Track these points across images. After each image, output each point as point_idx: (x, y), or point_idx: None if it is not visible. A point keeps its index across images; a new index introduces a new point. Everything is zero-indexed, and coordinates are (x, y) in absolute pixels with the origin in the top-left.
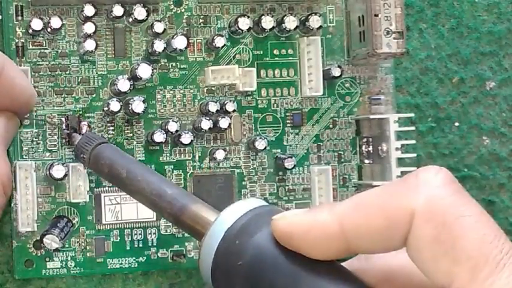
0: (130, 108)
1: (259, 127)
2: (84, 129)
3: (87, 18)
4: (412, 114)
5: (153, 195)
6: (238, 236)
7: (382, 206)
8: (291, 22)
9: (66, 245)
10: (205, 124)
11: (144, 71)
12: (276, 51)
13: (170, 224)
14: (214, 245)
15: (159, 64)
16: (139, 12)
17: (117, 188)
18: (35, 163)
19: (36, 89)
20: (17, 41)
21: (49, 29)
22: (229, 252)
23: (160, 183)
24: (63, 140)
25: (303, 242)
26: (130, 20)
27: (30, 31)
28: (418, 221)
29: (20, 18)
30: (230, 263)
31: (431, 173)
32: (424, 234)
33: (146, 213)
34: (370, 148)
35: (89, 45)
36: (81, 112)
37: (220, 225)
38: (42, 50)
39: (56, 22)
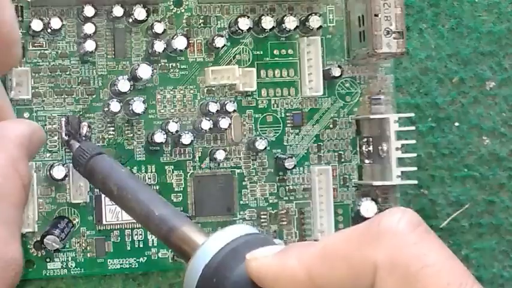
0: (130, 108)
1: (260, 127)
2: (85, 130)
3: (87, 19)
4: (412, 114)
5: (142, 216)
6: (215, 274)
7: (345, 256)
8: (291, 22)
9: (67, 246)
10: (206, 124)
11: (144, 71)
12: (276, 52)
13: None
14: (193, 282)
15: (159, 64)
16: (139, 13)
17: None
18: (36, 164)
19: (37, 89)
20: None
21: (49, 30)
22: None
23: (149, 203)
24: (63, 143)
25: (274, 285)
26: (130, 20)
27: (30, 32)
28: (380, 274)
29: (20, 19)
30: None
31: (395, 219)
32: (388, 287)
33: None
34: (371, 148)
35: (89, 45)
36: (81, 113)
37: (199, 261)
38: (42, 51)
39: (56, 23)
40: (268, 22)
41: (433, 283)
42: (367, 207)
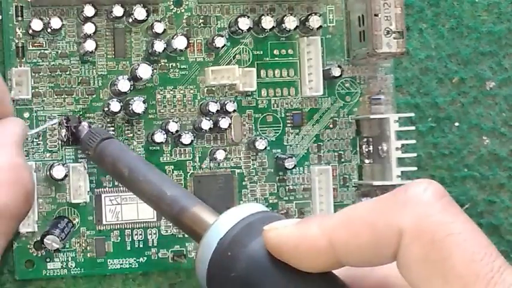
0: (130, 108)
1: (260, 127)
2: (85, 129)
3: (87, 19)
4: (412, 114)
5: (154, 197)
6: (230, 247)
7: (370, 223)
8: (291, 22)
9: (67, 246)
10: (206, 124)
11: (144, 71)
12: (276, 51)
13: (171, 224)
14: (207, 256)
15: (159, 64)
16: (139, 13)
17: (117, 189)
18: (36, 164)
19: (37, 89)
20: (17, 41)
21: (49, 30)
22: (222, 264)
23: (161, 184)
24: (63, 140)
25: (293, 255)
26: (130, 20)
27: (30, 32)
28: (406, 240)
29: (20, 18)
30: (223, 274)
31: (421, 188)
32: (413, 253)
33: (147, 214)
34: (371, 148)
35: (89, 45)
36: (81, 113)
37: (213, 235)
38: (42, 51)
39: (56, 23)
40: (268, 22)
41: (459, 251)
42: None
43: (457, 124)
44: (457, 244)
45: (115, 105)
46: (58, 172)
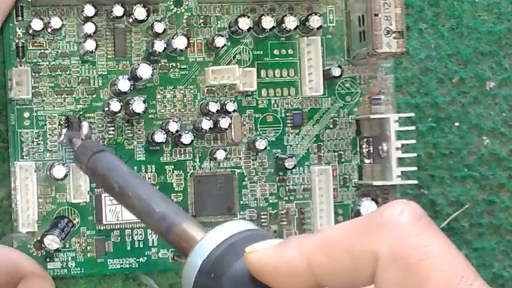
0: (130, 108)
1: (260, 127)
2: (86, 129)
3: (87, 19)
4: (412, 114)
5: (143, 213)
6: (213, 268)
7: (346, 247)
8: (291, 22)
9: (67, 246)
10: (206, 124)
11: (145, 71)
12: (276, 51)
13: None
14: (191, 277)
15: (159, 64)
16: (140, 13)
17: None
18: (36, 163)
19: (37, 89)
20: (17, 41)
21: (49, 30)
22: (205, 286)
23: (150, 200)
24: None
25: (273, 277)
26: (131, 20)
27: (31, 31)
28: (382, 264)
29: (20, 18)
30: None
31: (397, 211)
32: (389, 278)
33: None
34: (371, 148)
35: (89, 45)
36: (81, 112)
37: (197, 255)
38: (42, 51)
39: (56, 22)
40: (268, 22)
41: (435, 275)
42: (367, 207)
43: (457, 124)
44: (433, 268)
45: (115, 105)
46: (58, 172)
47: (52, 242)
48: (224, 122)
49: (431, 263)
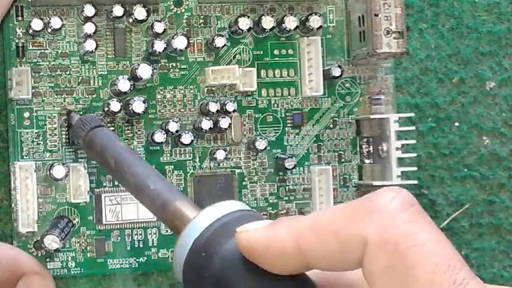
0: (130, 108)
1: (260, 127)
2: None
3: (87, 19)
4: (412, 114)
5: (137, 189)
6: (204, 247)
7: (336, 230)
8: (291, 22)
9: (67, 245)
10: (206, 124)
11: (145, 71)
12: (276, 51)
13: None
14: (183, 255)
15: (159, 64)
16: (140, 13)
17: (117, 188)
18: (36, 163)
19: (37, 89)
20: (17, 41)
21: (49, 29)
22: (196, 264)
23: (145, 177)
24: (64, 138)
25: (263, 257)
26: (131, 20)
27: (31, 31)
28: (370, 249)
29: (20, 18)
30: (198, 274)
31: (387, 198)
32: (377, 263)
33: (147, 214)
34: (371, 148)
35: (89, 45)
36: (81, 112)
37: (188, 234)
38: (42, 51)
39: (56, 22)
40: (268, 22)
41: (422, 262)
42: None
43: (457, 124)
44: (421, 255)
45: (115, 105)
46: (58, 172)
47: (52, 242)
48: (224, 122)
49: (419, 250)
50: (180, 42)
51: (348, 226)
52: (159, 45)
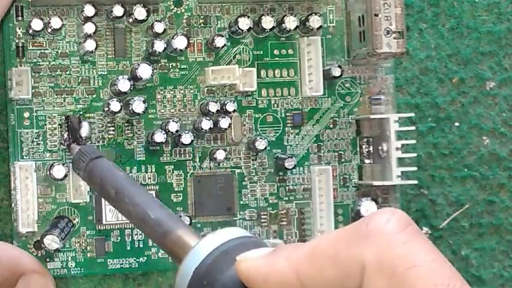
0: (130, 108)
1: (260, 127)
2: (86, 129)
3: (87, 19)
4: (412, 114)
5: (138, 219)
6: (205, 276)
7: (333, 256)
8: (291, 22)
9: (67, 245)
10: (206, 124)
11: (144, 71)
12: (276, 51)
13: None
14: (184, 284)
15: (159, 64)
16: (140, 13)
17: None
18: (36, 163)
19: (37, 89)
20: (17, 41)
21: (49, 29)
22: None
23: (146, 206)
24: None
25: (263, 287)
26: (131, 20)
27: (31, 31)
28: (368, 273)
29: (20, 18)
30: None
31: (383, 219)
32: (376, 287)
33: None
34: (371, 148)
35: (89, 45)
36: (81, 112)
37: (189, 263)
38: (42, 51)
39: (56, 22)
40: (268, 22)
41: (421, 284)
42: (367, 207)
43: (457, 124)
44: (419, 276)
45: (115, 105)
46: (58, 172)
47: (52, 242)
48: (224, 122)
49: (417, 271)
50: (180, 42)
51: (345, 251)
52: (159, 45)
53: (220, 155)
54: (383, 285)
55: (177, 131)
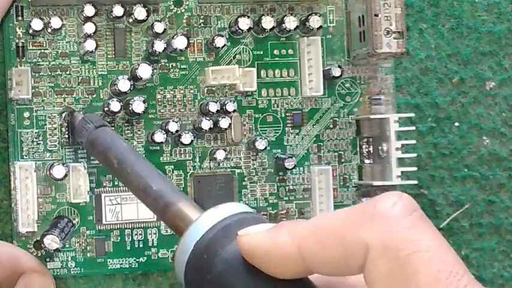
0: (130, 108)
1: (260, 127)
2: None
3: (88, 19)
4: (412, 114)
5: (140, 190)
6: (206, 250)
7: (338, 235)
8: (291, 22)
9: (67, 245)
10: (206, 124)
11: (144, 71)
12: (276, 52)
13: None
14: (185, 257)
15: (159, 64)
16: (140, 13)
17: (117, 188)
18: (35, 163)
19: (37, 89)
20: (17, 41)
21: (49, 29)
22: (198, 266)
23: (148, 178)
24: (65, 136)
25: (264, 261)
26: (131, 20)
27: (31, 31)
28: (372, 255)
29: (20, 18)
30: (200, 276)
31: (390, 203)
32: (378, 269)
33: (146, 214)
34: (371, 148)
35: (89, 45)
36: (81, 112)
37: (190, 236)
38: (42, 50)
39: (56, 22)
40: (268, 22)
41: (424, 268)
42: None
43: (457, 124)
44: (422, 261)
45: (115, 105)
46: (58, 172)
47: (52, 242)
48: (224, 122)
49: (420, 256)
50: (180, 42)
51: (350, 231)
52: (159, 45)
53: (220, 155)
54: (386, 268)
55: (177, 131)
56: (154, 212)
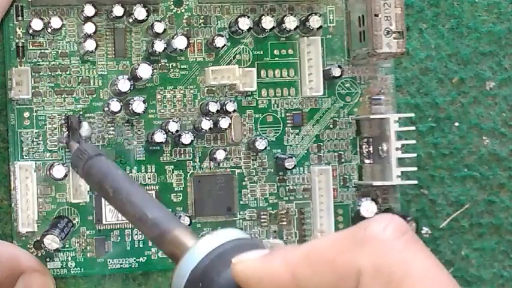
0: (130, 108)
1: (260, 127)
2: (86, 129)
3: (88, 19)
4: (412, 114)
5: (136, 219)
6: (201, 278)
7: (330, 260)
8: (291, 22)
9: (67, 245)
10: (206, 124)
11: (144, 71)
12: (276, 52)
13: None
14: (181, 285)
15: (159, 64)
16: (140, 13)
17: None
18: (35, 163)
19: (37, 89)
20: (17, 41)
21: (49, 29)
22: None
23: (143, 206)
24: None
25: None
26: (131, 20)
27: (31, 31)
28: (364, 279)
29: (20, 18)
30: None
31: (381, 226)
32: None
33: None
34: (371, 148)
35: (89, 45)
36: (81, 112)
37: (186, 264)
38: (42, 50)
39: (56, 22)
40: (268, 22)
41: None
42: (367, 207)
43: (457, 124)
44: (416, 283)
45: (115, 105)
46: (58, 172)
47: (52, 242)
48: (224, 122)
49: (413, 278)
50: (180, 42)
51: (342, 256)
52: (159, 45)
53: (220, 155)
54: None
55: (177, 131)
56: (151, 240)
